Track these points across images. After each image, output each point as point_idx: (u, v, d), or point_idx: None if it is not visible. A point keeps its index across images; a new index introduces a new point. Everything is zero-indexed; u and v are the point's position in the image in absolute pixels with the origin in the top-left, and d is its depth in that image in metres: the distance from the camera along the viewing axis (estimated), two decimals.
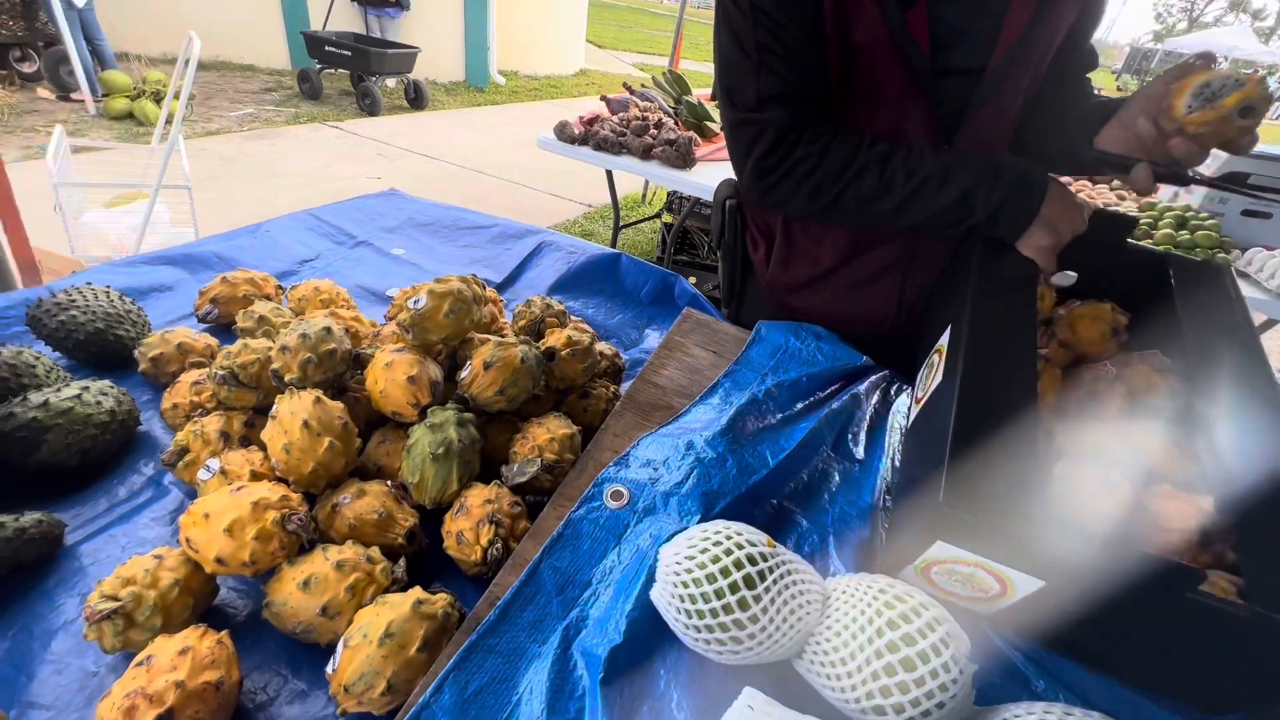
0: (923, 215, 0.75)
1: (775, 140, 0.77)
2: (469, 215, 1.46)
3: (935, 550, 0.55)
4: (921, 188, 0.73)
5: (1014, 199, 0.71)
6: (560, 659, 0.52)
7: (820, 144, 0.77)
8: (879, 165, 0.75)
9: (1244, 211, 1.98)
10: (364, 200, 1.48)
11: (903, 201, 0.75)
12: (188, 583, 0.55)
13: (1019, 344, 0.63)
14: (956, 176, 0.72)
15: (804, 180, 0.78)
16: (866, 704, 0.47)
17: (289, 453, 0.63)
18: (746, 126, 0.79)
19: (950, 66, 0.76)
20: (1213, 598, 0.47)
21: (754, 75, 0.75)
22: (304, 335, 0.71)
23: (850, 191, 0.77)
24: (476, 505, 0.64)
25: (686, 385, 0.89)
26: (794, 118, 0.77)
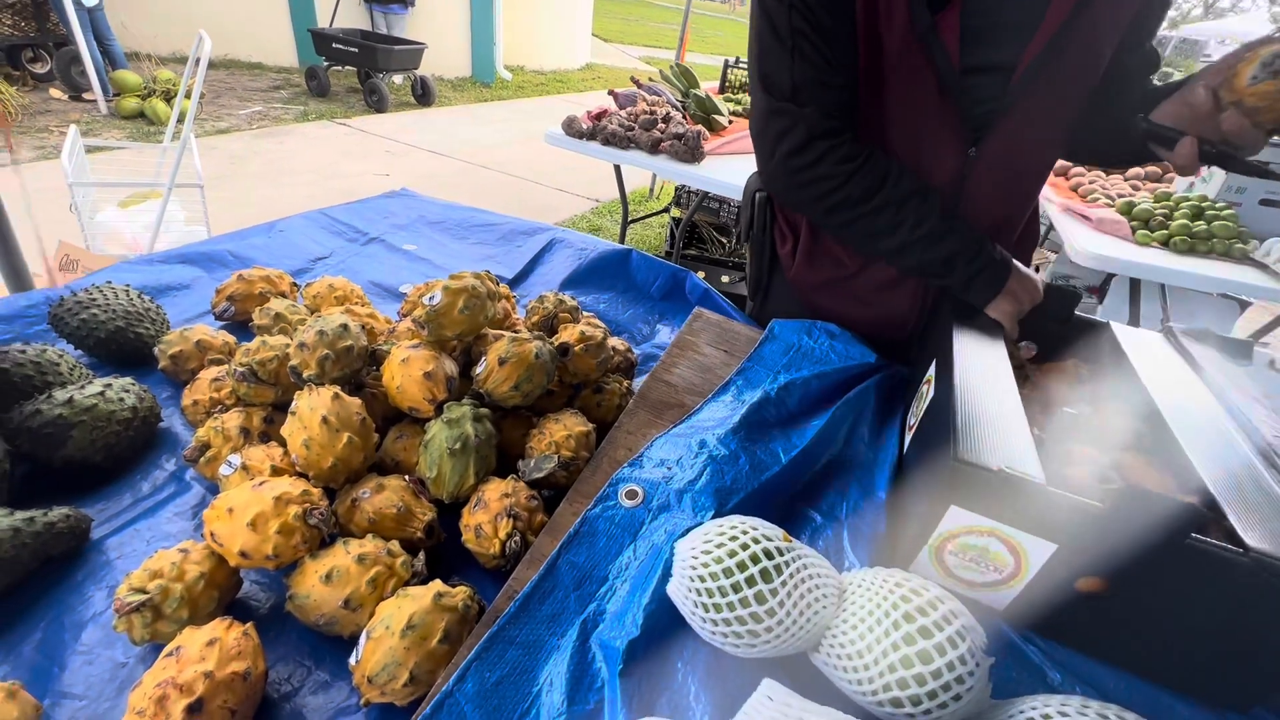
0: (911, 262, 0.81)
1: (805, 139, 0.78)
2: (480, 214, 1.47)
3: (949, 520, 0.56)
4: (921, 240, 0.79)
5: (988, 271, 0.78)
6: (579, 651, 0.53)
7: (850, 166, 0.78)
8: (895, 207, 0.79)
9: (1262, 201, 1.95)
10: (376, 200, 1.49)
11: (902, 246, 0.80)
12: (213, 576, 0.56)
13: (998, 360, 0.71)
14: (949, 240, 0.78)
15: (826, 196, 0.80)
16: (884, 696, 0.47)
17: (309, 448, 0.64)
18: (780, 116, 0.79)
19: (980, 63, 0.74)
20: (1213, 543, 0.48)
21: (789, 61, 0.75)
22: (321, 332, 0.72)
23: (862, 222, 0.81)
24: (494, 499, 0.65)
25: (699, 384, 0.90)
26: (826, 116, 0.77)
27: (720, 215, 3.08)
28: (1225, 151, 0.64)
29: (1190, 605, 0.53)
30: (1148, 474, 0.69)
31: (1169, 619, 0.54)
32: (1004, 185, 0.86)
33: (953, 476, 0.55)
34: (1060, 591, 0.57)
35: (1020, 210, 0.93)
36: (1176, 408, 0.66)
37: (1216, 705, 0.55)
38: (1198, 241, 1.85)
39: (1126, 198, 2.12)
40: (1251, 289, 1.77)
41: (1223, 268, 1.81)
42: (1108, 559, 0.53)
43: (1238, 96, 0.61)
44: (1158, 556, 0.51)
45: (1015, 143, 0.81)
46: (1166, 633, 0.55)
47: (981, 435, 0.59)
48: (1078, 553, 0.54)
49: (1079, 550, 0.54)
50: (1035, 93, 0.76)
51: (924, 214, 0.79)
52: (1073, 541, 0.54)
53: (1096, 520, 0.52)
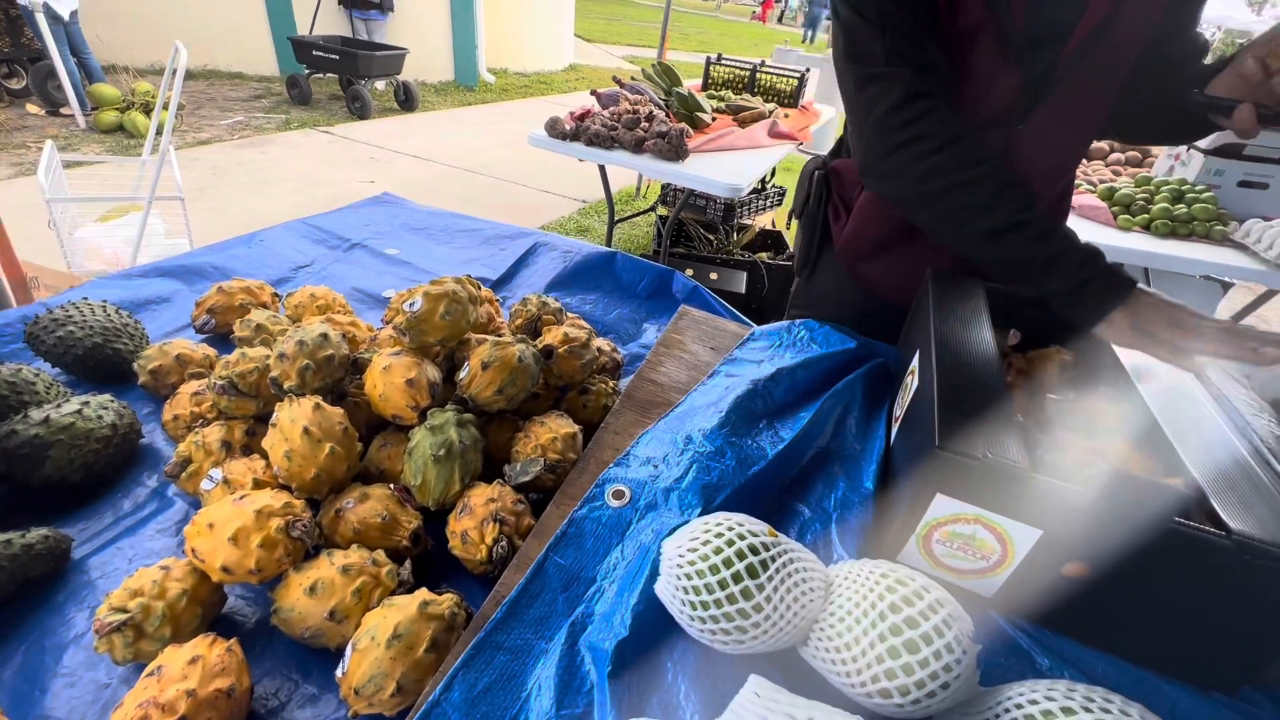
0: (1004, 253, 0.73)
1: (904, 97, 0.75)
2: (463, 219, 1.46)
3: (936, 508, 0.56)
4: (1020, 229, 0.71)
5: (1103, 282, 0.68)
6: (567, 654, 0.52)
7: (952, 129, 0.74)
8: (995, 185, 0.72)
9: (1240, 182, 1.97)
10: (357, 207, 1.48)
11: (997, 230, 0.72)
12: (195, 592, 0.56)
13: (982, 347, 0.70)
14: (1055, 239, 0.70)
15: (924, 157, 0.75)
16: (872, 687, 0.47)
17: (291, 460, 0.63)
18: (873, 83, 0.76)
19: (1040, 34, 0.75)
20: (1197, 527, 0.48)
21: (880, 34, 0.74)
22: (301, 342, 0.71)
23: (958, 194, 0.74)
24: (480, 504, 0.64)
25: (685, 381, 0.89)
26: (923, 80, 0.75)
27: (707, 212, 3.08)
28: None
29: (1175, 589, 0.53)
30: (1132, 459, 0.69)
31: (1155, 603, 0.54)
32: (1043, 161, 0.86)
33: (937, 465, 0.55)
34: (1047, 577, 0.57)
35: (1051, 187, 0.93)
36: (1158, 392, 0.66)
37: (1204, 687, 0.55)
38: (1178, 224, 1.87)
39: (1108, 183, 2.14)
40: (1232, 270, 1.78)
41: (1203, 250, 1.83)
42: (1093, 544, 0.53)
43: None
44: (1142, 541, 0.51)
45: (1060, 119, 0.82)
46: (1153, 616, 0.55)
47: (965, 423, 0.59)
48: (1063, 538, 0.54)
49: (1064, 536, 0.54)
50: (1084, 68, 0.77)
51: (1026, 202, 0.71)
52: (1058, 527, 0.54)
53: (1081, 506, 0.52)
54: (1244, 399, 0.68)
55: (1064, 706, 0.44)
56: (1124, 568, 0.53)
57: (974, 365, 0.68)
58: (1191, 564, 0.51)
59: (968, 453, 0.54)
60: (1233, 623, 0.52)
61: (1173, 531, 0.49)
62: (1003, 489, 0.54)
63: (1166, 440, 0.59)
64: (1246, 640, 0.52)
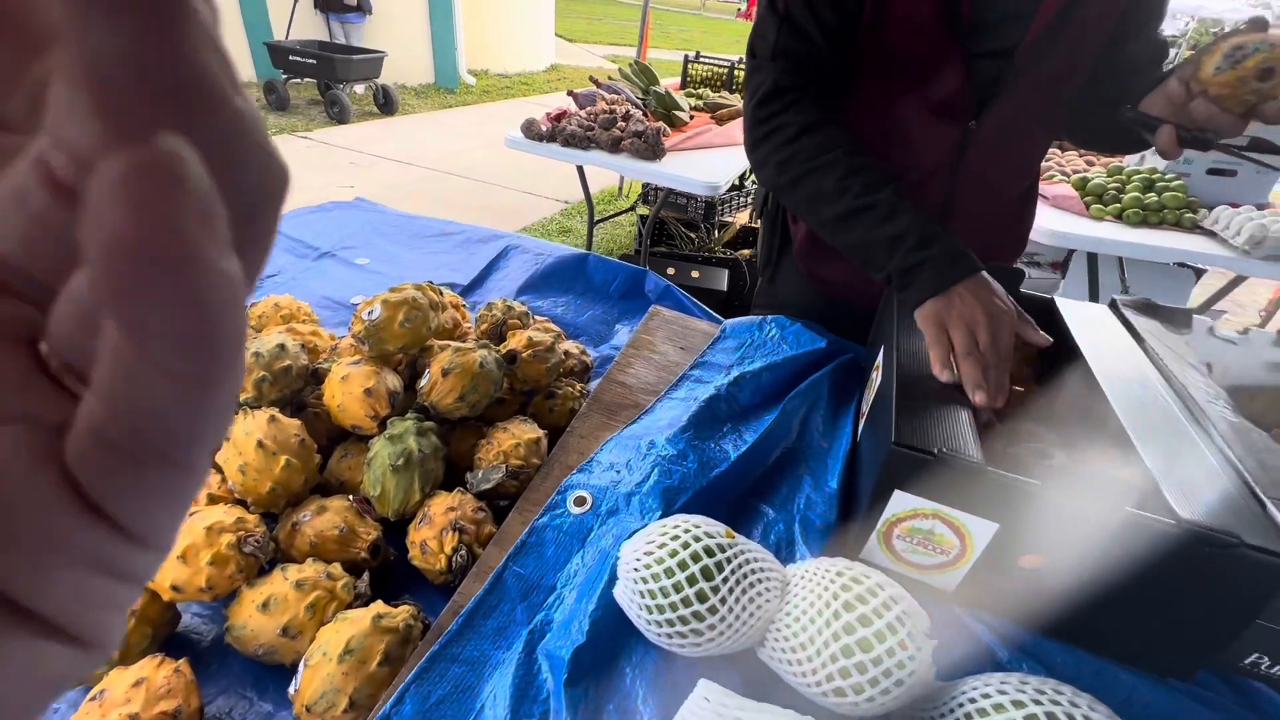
0: (850, 237, 0.74)
1: (772, 90, 0.79)
2: (435, 223, 1.45)
3: (894, 504, 0.56)
4: (865, 212, 0.72)
5: (931, 266, 0.68)
6: (524, 663, 0.52)
7: (809, 118, 0.78)
8: (845, 169, 0.74)
9: (1209, 170, 1.99)
10: (326, 211, 1.46)
11: (843, 215, 0.74)
12: (144, 612, 0.55)
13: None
14: (899, 220, 0.71)
15: (782, 147, 0.78)
16: (827, 686, 0.47)
17: (245, 473, 0.62)
18: (756, 74, 0.82)
19: (991, 22, 0.76)
20: (1147, 515, 0.49)
21: (776, 30, 0.78)
22: (256, 354, 0.70)
23: (810, 179, 0.76)
24: (439, 514, 0.63)
25: (654, 383, 0.89)
26: (797, 76, 0.79)
27: (688, 210, 3.08)
28: (1199, 136, 0.67)
29: (1129, 578, 0.53)
30: (1091, 448, 0.70)
31: (1110, 592, 0.55)
32: (1003, 159, 0.87)
33: (895, 461, 0.55)
34: (1006, 570, 0.57)
35: (1013, 185, 0.93)
36: (1116, 381, 0.67)
37: (1161, 674, 0.56)
38: (1149, 213, 1.89)
39: (1080, 173, 2.16)
40: (1203, 257, 1.81)
41: (1174, 237, 1.85)
42: (1048, 536, 0.54)
43: (1204, 86, 0.64)
44: (1095, 531, 0.51)
45: (1020, 115, 0.82)
46: (1109, 606, 0.55)
47: (922, 418, 0.59)
48: (1019, 531, 0.54)
49: (1020, 528, 0.54)
50: (1044, 62, 0.77)
51: (875, 186, 0.73)
52: (1013, 520, 0.54)
53: (1034, 498, 0.52)
54: (1201, 386, 0.69)
55: (1015, 700, 0.44)
56: (1079, 557, 0.54)
57: None
58: (1144, 552, 0.51)
59: (923, 448, 0.54)
60: (1186, 609, 0.53)
61: (1125, 521, 0.50)
62: (958, 484, 0.54)
63: (1124, 430, 0.59)
64: (1200, 626, 0.53)
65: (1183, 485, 0.52)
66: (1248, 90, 0.61)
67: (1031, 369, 0.85)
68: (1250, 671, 0.55)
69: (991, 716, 0.44)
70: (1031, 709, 0.43)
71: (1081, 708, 0.42)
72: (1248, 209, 1.81)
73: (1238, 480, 0.54)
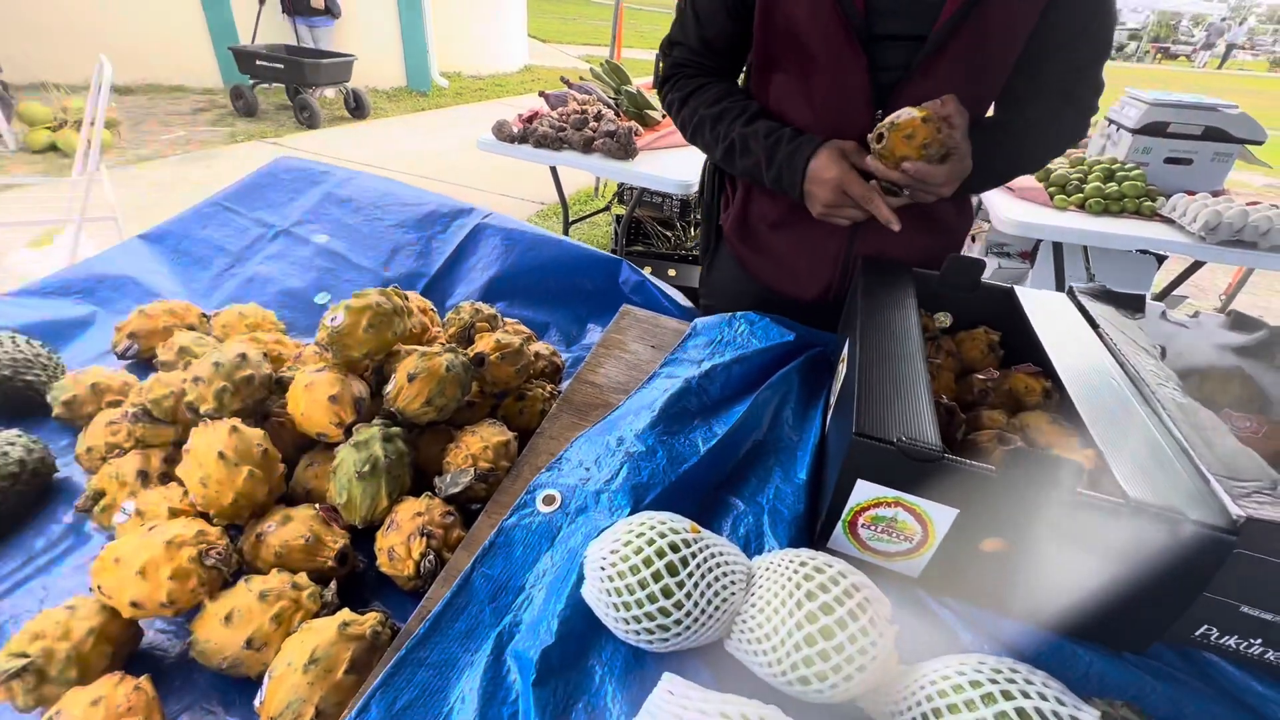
0: (738, 170, 0.93)
1: (668, 72, 0.98)
2: (390, 191, 1.37)
3: (858, 494, 0.57)
4: (729, 151, 0.90)
5: (785, 173, 0.85)
6: (493, 666, 0.52)
7: (684, 92, 0.95)
8: (711, 122, 0.92)
9: (1166, 159, 2.05)
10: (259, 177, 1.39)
11: (722, 157, 0.92)
12: (104, 630, 0.53)
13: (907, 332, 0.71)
14: (750, 149, 0.88)
15: (676, 115, 0.97)
16: (793, 675, 0.48)
17: (206, 485, 0.61)
18: (661, 60, 0.99)
19: (889, 32, 0.79)
20: (1097, 496, 0.50)
21: (679, 24, 0.94)
22: (217, 364, 0.69)
23: (697, 140, 0.95)
24: (406, 519, 0.63)
25: (625, 382, 0.89)
26: (678, 63, 0.96)
27: (663, 209, 3.08)
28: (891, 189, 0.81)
29: (1083, 557, 0.55)
30: (1050, 432, 0.72)
31: (1066, 571, 0.56)
32: None
33: (857, 450, 0.56)
34: (967, 555, 0.58)
35: None
36: (1073, 366, 0.69)
37: (1117, 649, 0.57)
38: (1110, 202, 1.94)
39: None
40: (1162, 244, 1.86)
41: (1134, 225, 1.90)
42: (1005, 519, 0.55)
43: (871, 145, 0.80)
44: (1050, 513, 0.53)
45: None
46: (1065, 584, 0.57)
47: (884, 408, 0.60)
48: (978, 516, 0.55)
49: (979, 513, 0.55)
50: (953, 53, 0.79)
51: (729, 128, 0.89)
52: (973, 505, 0.55)
53: (990, 483, 0.53)
54: (1152, 369, 0.71)
55: (973, 680, 0.45)
56: (1036, 539, 0.55)
57: (897, 350, 0.69)
58: (1096, 532, 0.52)
59: (883, 437, 0.55)
60: (1138, 586, 0.54)
61: (1077, 502, 0.51)
62: (918, 471, 0.55)
63: (1078, 414, 0.61)
64: (1151, 601, 0.54)
65: (1132, 466, 0.54)
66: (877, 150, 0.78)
67: (994, 355, 0.87)
68: (1200, 643, 0.56)
69: (950, 698, 0.45)
70: (988, 688, 0.44)
71: (1035, 684, 0.43)
72: (1203, 196, 1.86)
73: (1184, 459, 0.55)
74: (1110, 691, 0.54)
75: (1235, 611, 0.53)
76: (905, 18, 0.79)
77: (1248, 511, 0.48)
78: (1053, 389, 0.77)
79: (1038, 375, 0.80)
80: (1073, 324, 0.79)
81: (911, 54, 0.80)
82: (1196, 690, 0.54)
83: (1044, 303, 0.84)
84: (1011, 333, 0.84)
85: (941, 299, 0.88)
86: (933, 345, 0.85)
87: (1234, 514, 0.48)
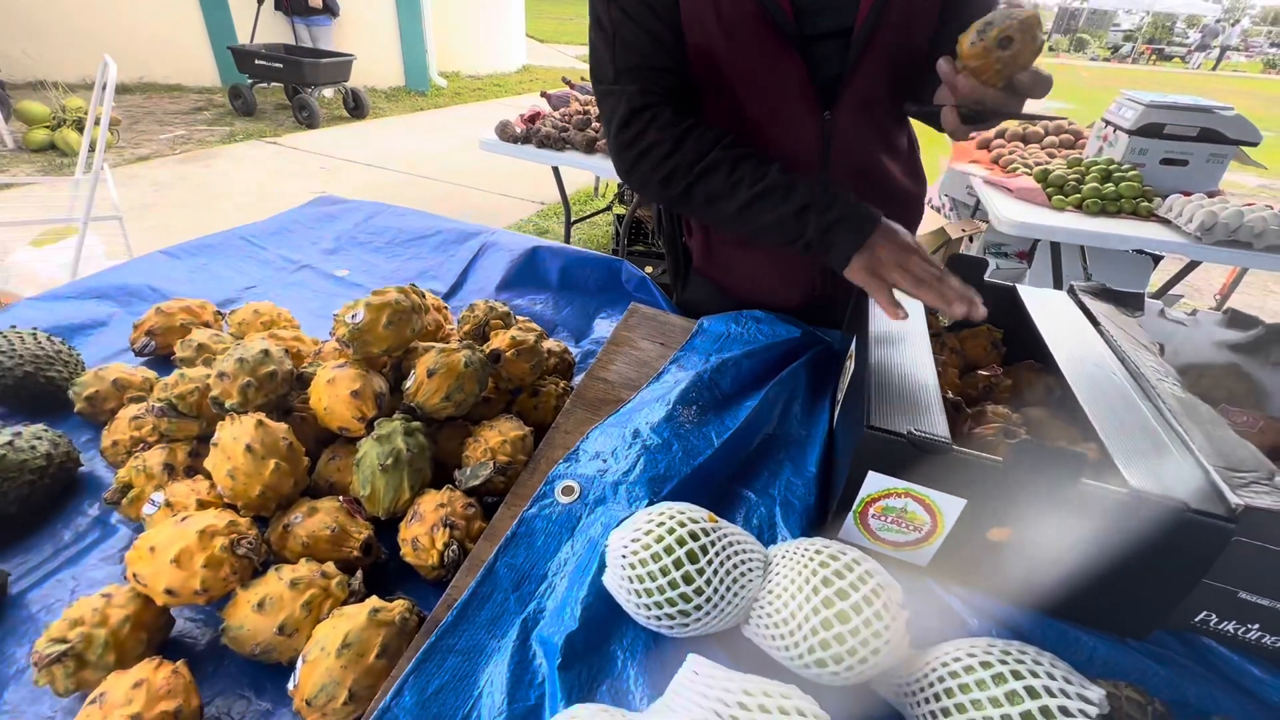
0: (761, 223, 0.77)
1: (630, 112, 0.80)
2: (409, 222, 1.43)
3: (869, 485, 0.59)
4: (764, 196, 0.76)
5: (846, 224, 0.73)
6: (519, 650, 0.54)
7: (678, 129, 0.79)
8: (730, 165, 0.77)
9: (1162, 160, 2.08)
10: (295, 214, 1.45)
11: (745, 205, 0.77)
12: (139, 617, 0.55)
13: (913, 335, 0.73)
14: (797, 194, 0.75)
15: (660, 164, 0.80)
16: (809, 659, 0.50)
17: (234, 478, 0.63)
18: (605, 100, 0.82)
19: (818, 30, 0.78)
20: (1100, 485, 0.52)
21: (610, 49, 0.78)
22: (241, 360, 0.71)
23: (700, 185, 0.79)
24: (429, 510, 0.65)
25: (635, 378, 0.91)
26: (648, 93, 0.79)
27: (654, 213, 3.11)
28: (977, 110, 0.70)
29: (1087, 545, 0.57)
30: (1053, 426, 0.74)
31: (1070, 559, 0.58)
32: (868, 141, 0.90)
33: (868, 443, 0.58)
34: (975, 543, 0.60)
35: (888, 152, 0.95)
36: (1074, 361, 0.71)
37: (1120, 635, 0.59)
38: (1107, 202, 1.96)
39: (1043, 165, 2.23)
40: (1158, 244, 1.88)
41: (1131, 226, 1.93)
42: (1012, 509, 0.57)
43: (963, 61, 0.66)
44: (1054, 502, 0.54)
45: (867, 101, 0.85)
46: (1070, 572, 0.59)
47: (894, 402, 0.62)
48: (986, 506, 0.57)
49: (986, 503, 0.57)
50: (880, 46, 0.80)
51: (762, 171, 0.76)
52: (980, 496, 0.57)
53: (997, 474, 0.55)
54: (1152, 365, 0.73)
55: (983, 661, 0.47)
56: (1041, 528, 0.57)
57: (905, 347, 0.71)
58: (1099, 521, 0.54)
59: (894, 430, 0.57)
60: (1140, 573, 0.56)
61: (1080, 492, 0.53)
62: (927, 463, 0.57)
63: (1081, 407, 0.63)
64: (1153, 588, 0.56)
65: (1134, 457, 0.56)
66: (994, 59, 0.64)
67: (997, 352, 0.89)
68: (1200, 628, 0.58)
69: (962, 678, 0.47)
70: (998, 668, 0.46)
71: (1044, 664, 0.45)
72: (1199, 197, 1.89)
73: (1185, 451, 0.57)
74: (1114, 675, 0.56)
75: (1234, 598, 0.55)
76: (831, 13, 0.78)
77: (1246, 501, 0.50)
78: (1055, 384, 0.80)
79: (1040, 371, 0.82)
80: (1074, 321, 0.81)
81: (842, 49, 0.80)
82: (1197, 675, 0.56)
83: (1045, 301, 0.86)
84: (1013, 330, 0.86)
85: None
86: (937, 343, 0.87)
87: (1233, 503, 0.50)
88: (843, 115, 0.85)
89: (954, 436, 0.58)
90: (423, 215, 1.46)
